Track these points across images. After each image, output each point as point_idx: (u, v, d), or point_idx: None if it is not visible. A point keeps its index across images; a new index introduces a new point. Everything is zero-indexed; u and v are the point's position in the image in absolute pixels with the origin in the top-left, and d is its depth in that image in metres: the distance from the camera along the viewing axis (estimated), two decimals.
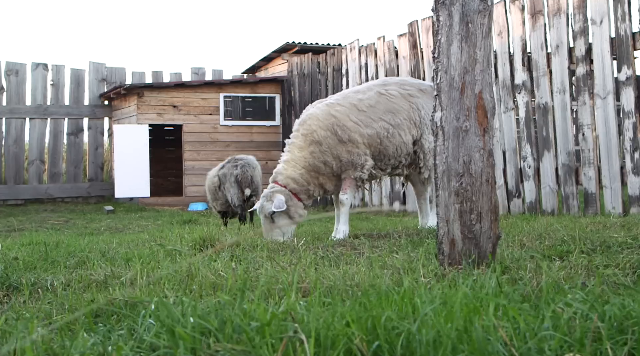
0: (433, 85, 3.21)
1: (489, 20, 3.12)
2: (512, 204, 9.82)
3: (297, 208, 5.33)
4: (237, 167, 7.89)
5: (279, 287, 2.45)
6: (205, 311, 1.82)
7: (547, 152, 9.20)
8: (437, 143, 3.16)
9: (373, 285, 2.45)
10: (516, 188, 9.80)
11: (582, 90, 8.74)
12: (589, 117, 8.63)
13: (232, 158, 8.31)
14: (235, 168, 7.90)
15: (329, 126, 5.28)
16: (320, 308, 1.84)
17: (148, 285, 2.73)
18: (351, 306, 1.79)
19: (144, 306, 2.21)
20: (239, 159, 8.15)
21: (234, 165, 8.00)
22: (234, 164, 8.02)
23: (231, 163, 8.15)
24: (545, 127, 9.23)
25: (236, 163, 8.02)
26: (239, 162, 8.04)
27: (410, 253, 3.72)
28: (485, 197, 3.07)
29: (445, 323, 1.60)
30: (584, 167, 8.67)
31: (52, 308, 2.45)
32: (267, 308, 1.76)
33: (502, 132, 9.88)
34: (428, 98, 5.73)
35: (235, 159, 8.19)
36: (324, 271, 2.82)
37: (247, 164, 7.95)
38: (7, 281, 3.11)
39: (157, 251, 4.08)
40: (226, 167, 8.16)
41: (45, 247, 4.24)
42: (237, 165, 7.90)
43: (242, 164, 7.90)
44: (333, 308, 1.78)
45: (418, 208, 6.06)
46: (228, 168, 8.09)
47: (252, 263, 3.36)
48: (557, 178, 9.10)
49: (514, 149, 9.84)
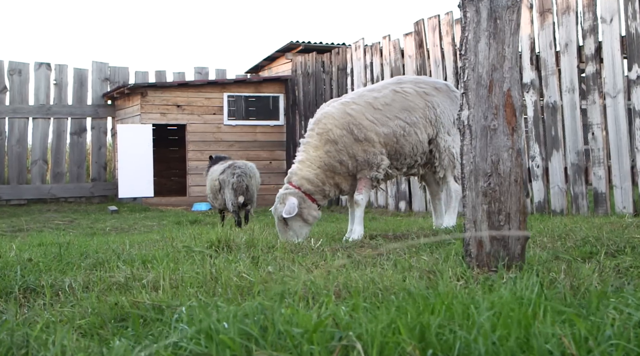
0: (460, 83, 3.14)
1: (517, 16, 3.05)
2: None
3: (310, 210, 5.26)
4: (234, 175, 8.18)
5: (308, 290, 2.38)
6: (242, 316, 1.75)
7: (556, 152, 9.14)
8: (464, 142, 3.09)
9: (405, 288, 2.38)
10: (525, 188, 9.73)
11: (592, 89, 8.68)
12: (599, 116, 8.56)
13: (232, 164, 8.52)
14: (233, 177, 8.18)
15: (345, 125, 5.21)
16: (364, 313, 1.78)
17: (172, 288, 2.66)
18: (398, 312, 1.73)
19: (171, 310, 2.15)
20: (237, 167, 8.38)
21: (232, 173, 8.28)
22: (232, 172, 8.29)
23: (231, 169, 8.40)
24: (554, 126, 9.17)
25: (234, 171, 8.26)
26: (236, 170, 8.28)
27: (432, 254, 3.65)
28: (514, 198, 3.00)
29: (502, 331, 1.53)
30: (594, 167, 8.61)
31: (75, 312, 2.38)
32: (310, 314, 1.70)
33: None
34: (443, 97, 5.66)
35: (234, 166, 8.37)
36: (350, 273, 2.75)
37: (243, 173, 8.22)
38: (24, 283, 3.04)
39: (172, 252, 4.01)
40: (226, 173, 8.43)
41: (59, 248, 4.17)
42: (235, 174, 8.18)
43: (239, 173, 8.16)
44: (379, 314, 1.71)
45: (432, 208, 6.00)
46: (227, 175, 8.36)
47: (274, 264, 3.29)
48: (566, 178, 9.04)
49: (522, 148, 9.78)
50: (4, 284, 3.03)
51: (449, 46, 11.05)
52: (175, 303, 2.24)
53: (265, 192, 15.01)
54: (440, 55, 11.26)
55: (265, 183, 14.63)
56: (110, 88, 16.43)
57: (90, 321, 2.28)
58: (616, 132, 8.35)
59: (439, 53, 11.29)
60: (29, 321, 2.22)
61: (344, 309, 1.82)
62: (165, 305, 2.26)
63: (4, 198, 15.24)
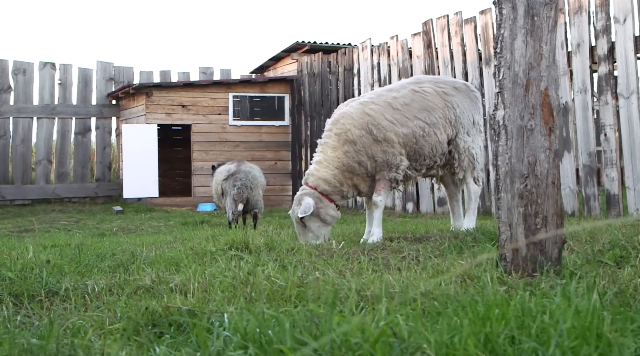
0: (495, 82, 3.06)
1: (555, 13, 2.98)
2: None
3: (327, 210, 5.17)
4: (234, 187, 8.23)
5: (345, 295, 2.30)
6: (291, 323, 1.67)
7: (567, 153, 9.06)
8: (499, 143, 3.01)
9: (445, 294, 2.30)
10: None
11: (605, 90, 8.60)
12: (612, 117, 8.49)
13: (236, 171, 8.49)
14: (234, 188, 8.23)
15: (364, 125, 5.13)
16: (420, 321, 1.70)
17: (202, 292, 2.58)
18: (460, 321, 1.65)
19: (207, 316, 2.07)
20: (239, 178, 8.36)
21: (233, 184, 8.30)
22: (234, 183, 8.30)
23: (233, 179, 8.40)
24: (566, 127, 9.09)
25: (235, 182, 8.28)
26: (237, 182, 8.29)
27: (456, 257, 3.57)
28: (551, 200, 2.92)
29: (577, 342, 1.45)
30: (606, 168, 8.53)
31: (105, 317, 2.30)
32: (361, 321, 1.62)
33: None
34: (463, 97, 5.58)
35: (236, 177, 8.38)
36: (385, 277, 2.67)
37: (244, 185, 8.24)
38: (46, 285, 2.96)
39: (191, 254, 3.93)
40: (229, 181, 8.42)
41: (77, 250, 4.09)
42: (235, 186, 8.22)
43: (239, 185, 8.20)
44: (440, 322, 1.63)
45: (450, 210, 5.92)
46: (229, 185, 8.38)
47: (302, 268, 3.21)
48: (577, 180, 8.96)
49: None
50: (25, 287, 2.95)
51: (457, 46, 10.97)
52: (212, 309, 2.16)
53: (270, 192, 14.94)
54: (449, 55, 11.19)
55: (270, 184, 14.56)
56: (115, 88, 16.35)
57: (122, 326, 2.20)
58: (629, 133, 8.27)
59: (447, 53, 11.22)
60: (62, 327, 2.14)
61: (400, 317, 1.74)
62: (200, 310, 2.18)
63: (8, 198, 15.15)
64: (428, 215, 11.41)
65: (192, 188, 15.49)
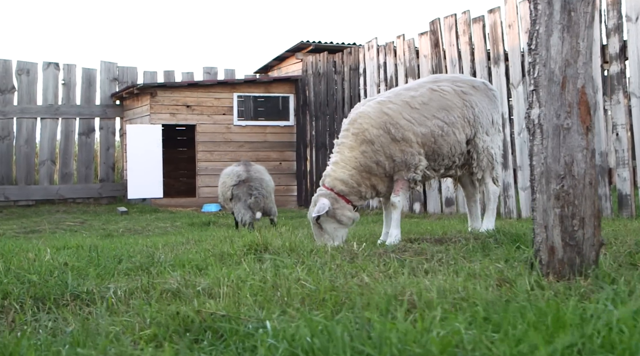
0: (529, 80, 2.98)
1: (592, 8, 2.90)
2: None
3: (344, 211, 5.09)
4: (251, 195, 8.18)
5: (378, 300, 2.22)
6: (341, 331, 1.59)
7: None
8: (534, 142, 2.93)
9: (485, 298, 2.22)
10: None
11: (616, 89, 8.52)
12: (624, 117, 8.41)
13: (248, 178, 8.39)
14: (250, 197, 8.18)
15: (382, 124, 5.05)
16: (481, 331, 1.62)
17: (232, 295, 2.50)
18: (524, 331, 1.57)
19: (244, 322, 1.99)
20: (254, 188, 8.29)
21: (248, 193, 8.22)
22: (249, 192, 8.23)
23: (245, 188, 8.30)
24: None
25: (251, 191, 8.22)
26: (254, 191, 8.23)
27: (482, 258, 3.49)
28: (589, 201, 2.85)
29: None
30: (618, 168, 8.45)
31: (134, 322, 2.22)
32: (415, 329, 1.54)
33: None
34: (481, 96, 5.49)
35: (249, 186, 8.29)
36: (420, 281, 2.58)
37: (260, 195, 8.24)
38: (67, 289, 2.88)
39: (210, 256, 3.85)
40: (241, 189, 8.33)
41: (96, 252, 4.01)
42: (252, 195, 8.18)
43: (256, 195, 8.19)
44: (500, 331, 1.55)
45: (468, 211, 5.83)
46: (242, 194, 8.29)
47: (328, 270, 3.12)
48: None
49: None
50: (47, 290, 2.87)
51: (465, 46, 10.90)
52: (251, 314, 2.08)
53: (275, 193, 14.84)
54: (456, 55, 11.11)
55: (275, 185, 14.45)
56: (119, 88, 16.28)
57: (153, 332, 2.12)
58: None
59: (455, 53, 11.13)
60: (94, 333, 2.06)
61: (458, 326, 1.66)
62: (235, 315, 2.10)
63: (11, 199, 15.07)
64: (435, 215, 11.33)
65: (197, 188, 15.41)
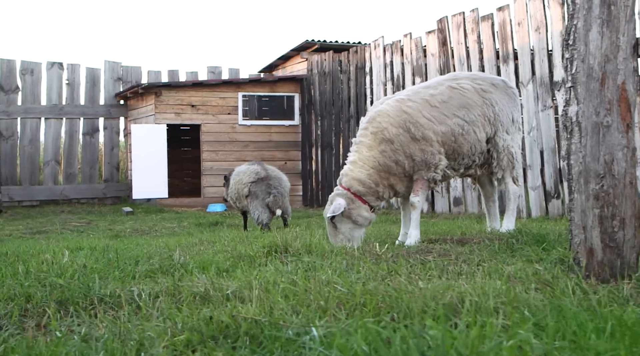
0: (566, 76, 2.90)
1: (633, 1, 2.82)
2: (550, 205, 9.52)
3: (360, 211, 5.00)
4: (269, 194, 8.17)
5: (422, 305, 2.13)
6: (401, 341, 1.51)
7: None
8: (571, 140, 2.85)
9: (527, 302, 2.13)
10: (555, 189, 9.49)
11: None
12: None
13: (267, 176, 8.38)
14: (268, 196, 8.17)
15: (401, 123, 4.96)
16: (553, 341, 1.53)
17: (264, 299, 2.41)
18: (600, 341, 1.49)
19: (283, 328, 1.91)
20: (272, 186, 8.29)
21: (267, 191, 8.20)
22: (268, 190, 8.22)
23: (264, 186, 8.27)
24: None
25: (269, 190, 8.21)
26: (272, 190, 8.23)
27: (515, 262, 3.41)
28: (629, 201, 2.77)
29: None
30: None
31: (166, 327, 2.14)
32: (489, 339, 1.46)
33: (540, 131, 9.58)
34: (501, 94, 5.41)
35: (268, 184, 8.29)
36: (458, 284, 2.50)
37: (279, 194, 8.25)
38: (89, 292, 2.80)
39: (230, 258, 3.77)
40: (259, 186, 8.30)
41: (115, 254, 3.92)
42: (271, 194, 8.17)
43: (275, 193, 8.19)
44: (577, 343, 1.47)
45: (486, 210, 5.74)
46: (260, 191, 8.25)
47: (356, 272, 3.04)
48: None
49: (553, 149, 9.54)
50: (70, 293, 2.79)
51: (474, 44, 10.81)
52: (290, 319, 2.00)
53: None
54: (465, 53, 11.02)
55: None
56: (123, 87, 16.19)
57: (187, 338, 2.04)
58: None
59: (463, 51, 11.05)
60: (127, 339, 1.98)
61: (525, 334, 1.57)
62: (274, 321, 2.01)
63: (16, 199, 14.98)
64: (443, 215, 11.25)
65: (202, 188, 15.33)
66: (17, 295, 2.81)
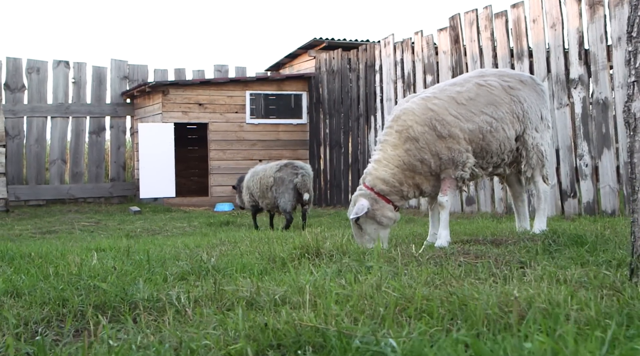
0: (629, 70, 2.79)
1: None
2: (566, 204, 9.41)
3: (384, 212, 4.88)
4: (297, 175, 8.06)
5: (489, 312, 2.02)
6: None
7: (607, 150, 8.77)
8: (635, 138, 2.73)
9: (595, 309, 2.02)
10: (571, 187, 9.39)
11: None
12: None
13: (289, 164, 8.35)
14: (296, 177, 8.06)
15: (427, 121, 4.85)
16: None
17: (317, 305, 2.29)
18: None
19: (350, 337, 1.79)
20: (298, 167, 8.23)
21: (293, 173, 8.12)
22: (294, 171, 8.14)
23: (290, 169, 8.20)
24: (605, 123, 8.81)
25: (296, 171, 8.13)
26: (299, 170, 8.14)
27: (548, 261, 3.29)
28: None
29: None
30: None
31: (219, 334, 2.02)
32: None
33: (556, 129, 9.47)
34: (529, 91, 5.29)
35: (294, 166, 8.25)
36: (506, 290, 2.38)
37: (307, 174, 8.16)
38: (126, 296, 2.68)
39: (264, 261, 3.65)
40: (284, 171, 8.19)
41: (147, 255, 3.80)
42: (298, 174, 8.06)
43: (303, 173, 8.09)
44: None
45: (515, 210, 5.62)
46: (287, 174, 8.17)
47: (403, 276, 2.92)
48: (618, 178, 8.68)
49: (569, 147, 9.43)
50: (105, 298, 2.68)
51: (487, 41, 10.70)
52: (362, 329, 1.88)
53: None
54: (477, 51, 10.91)
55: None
56: (129, 86, 16.08)
57: (242, 346, 1.93)
58: None
59: (476, 49, 10.93)
60: (177, 348, 1.87)
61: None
62: (338, 329, 1.90)
63: (22, 198, 14.88)
64: (456, 214, 11.14)
65: (209, 187, 15.22)
66: (52, 299, 2.70)
